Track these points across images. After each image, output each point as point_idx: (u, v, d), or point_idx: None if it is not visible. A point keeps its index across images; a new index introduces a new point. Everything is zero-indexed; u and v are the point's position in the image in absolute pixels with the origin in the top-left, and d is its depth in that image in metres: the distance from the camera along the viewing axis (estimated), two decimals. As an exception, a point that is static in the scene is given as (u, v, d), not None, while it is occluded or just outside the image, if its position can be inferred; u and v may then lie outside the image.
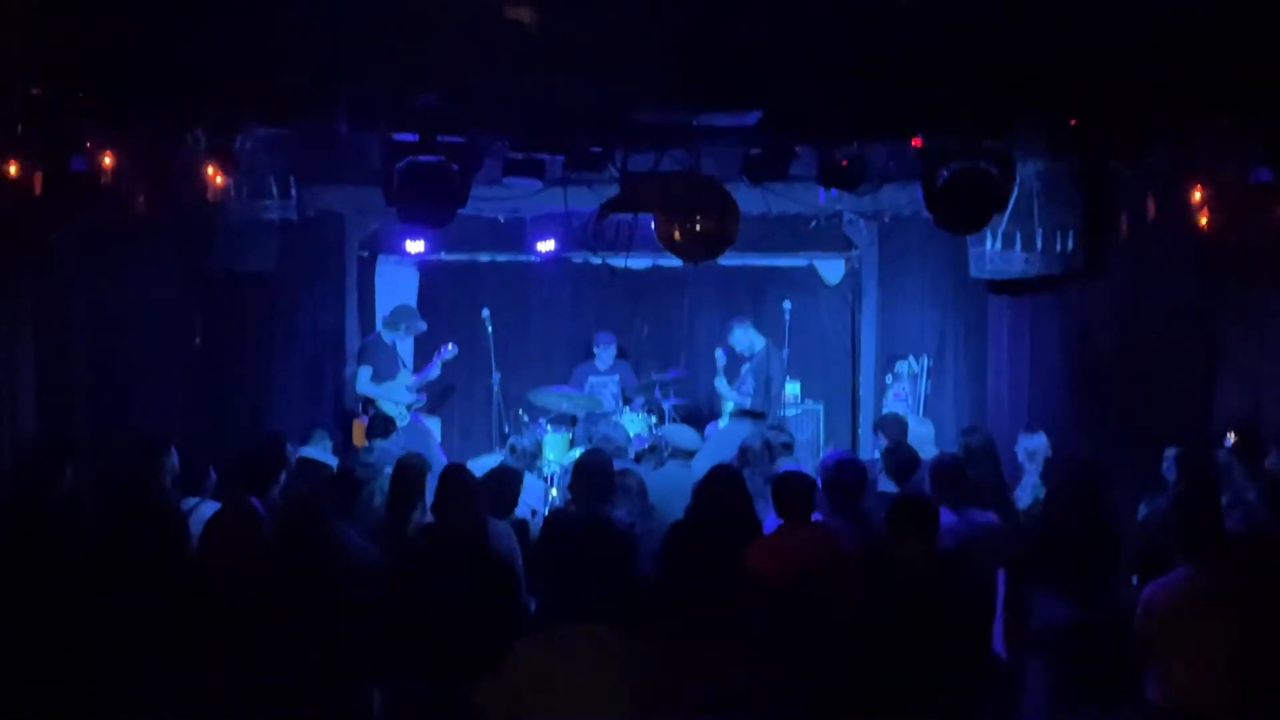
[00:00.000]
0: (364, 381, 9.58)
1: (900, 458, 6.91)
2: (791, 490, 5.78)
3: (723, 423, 10.32)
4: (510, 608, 5.04)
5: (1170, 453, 6.97)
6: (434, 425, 10.03)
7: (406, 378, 9.84)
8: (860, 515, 5.96)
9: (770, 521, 5.96)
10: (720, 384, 10.33)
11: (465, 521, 5.48)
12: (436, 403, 10.89)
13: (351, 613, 4.93)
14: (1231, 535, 5.59)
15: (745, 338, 10.11)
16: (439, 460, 8.89)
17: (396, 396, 9.65)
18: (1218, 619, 4.96)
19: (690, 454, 7.24)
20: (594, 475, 6.37)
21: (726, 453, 9.12)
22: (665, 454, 7.34)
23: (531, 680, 4.07)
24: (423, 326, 10.06)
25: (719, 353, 10.36)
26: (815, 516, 5.90)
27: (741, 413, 10.09)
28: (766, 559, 5.40)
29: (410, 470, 6.50)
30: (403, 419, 9.66)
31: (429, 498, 6.09)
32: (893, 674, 4.76)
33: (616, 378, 10.83)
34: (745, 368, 10.17)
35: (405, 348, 10.19)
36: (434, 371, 10.04)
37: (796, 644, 5.02)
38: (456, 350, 10.11)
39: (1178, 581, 5.05)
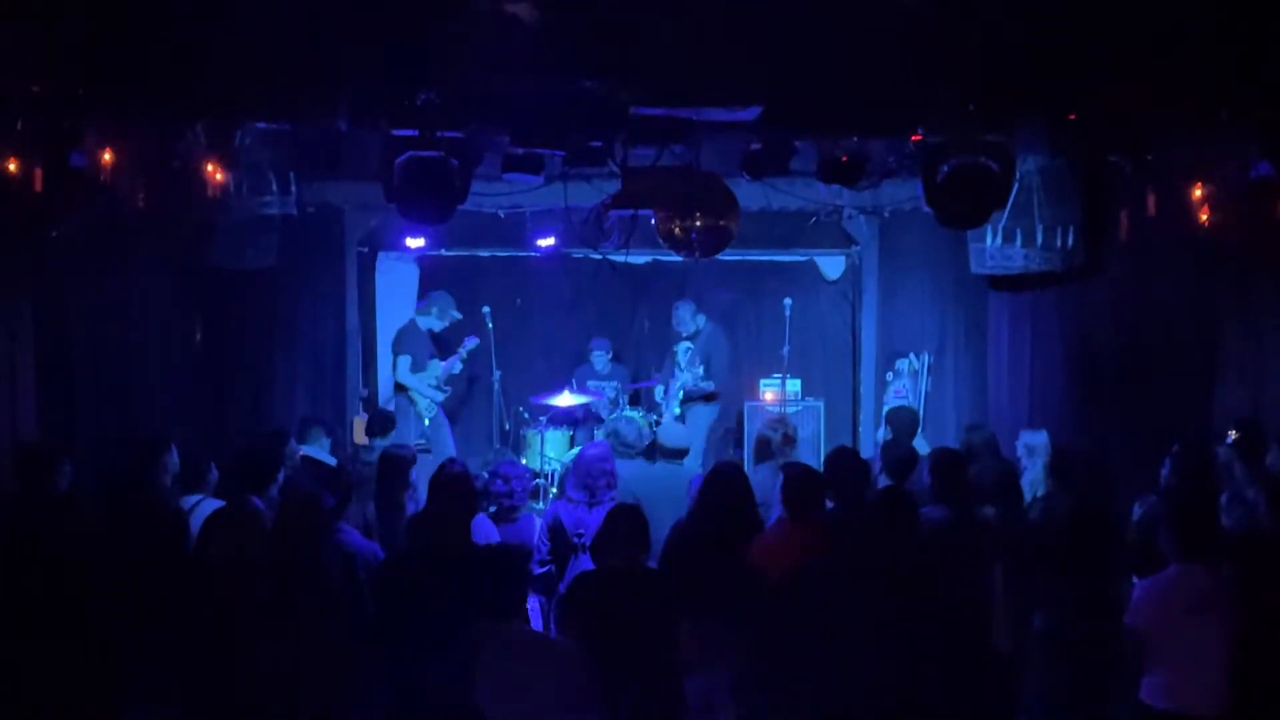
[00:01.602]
0: (404, 370, 9.72)
1: (896, 454, 6.88)
2: (798, 486, 5.77)
3: (676, 409, 10.47)
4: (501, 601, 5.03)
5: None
6: (434, 423, 10.06)
7: (436, 368, 9.92)
8: (861, 511, 5.95)
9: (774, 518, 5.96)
10: (678, 374, 10.50)
11: (455, 517, 5.49)
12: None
13: (351, 611, 4.93)
14: (1230, 533, 5.58)
15: (685, 317, 10.32)
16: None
17: (428, 388, 9.72)
18: (1212, 618, 4.94)
19: (678, 453, 7.20)
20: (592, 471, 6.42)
21: (694, 439, 9.25)
22: (656, 453, 7.35)
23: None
24: (457, 316, 10.11)
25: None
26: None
27: (695, 397, 10.27)
28: (767, 556, 5.40)
29: (396, 462, 6.54)
30: (431, 411, 9.80)
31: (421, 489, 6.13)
32: (891, 671, 4.77)
33: (615, 382, 10.88)
34: (686, 347, 10.25)
35: None
36: (456, 365, 10.11)
37: (797, 641, 5.03)
38: (478, 342, 10.14)
39: (1171, 580, 5.04)
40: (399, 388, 9.82)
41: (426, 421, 10.05)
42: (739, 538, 5.57)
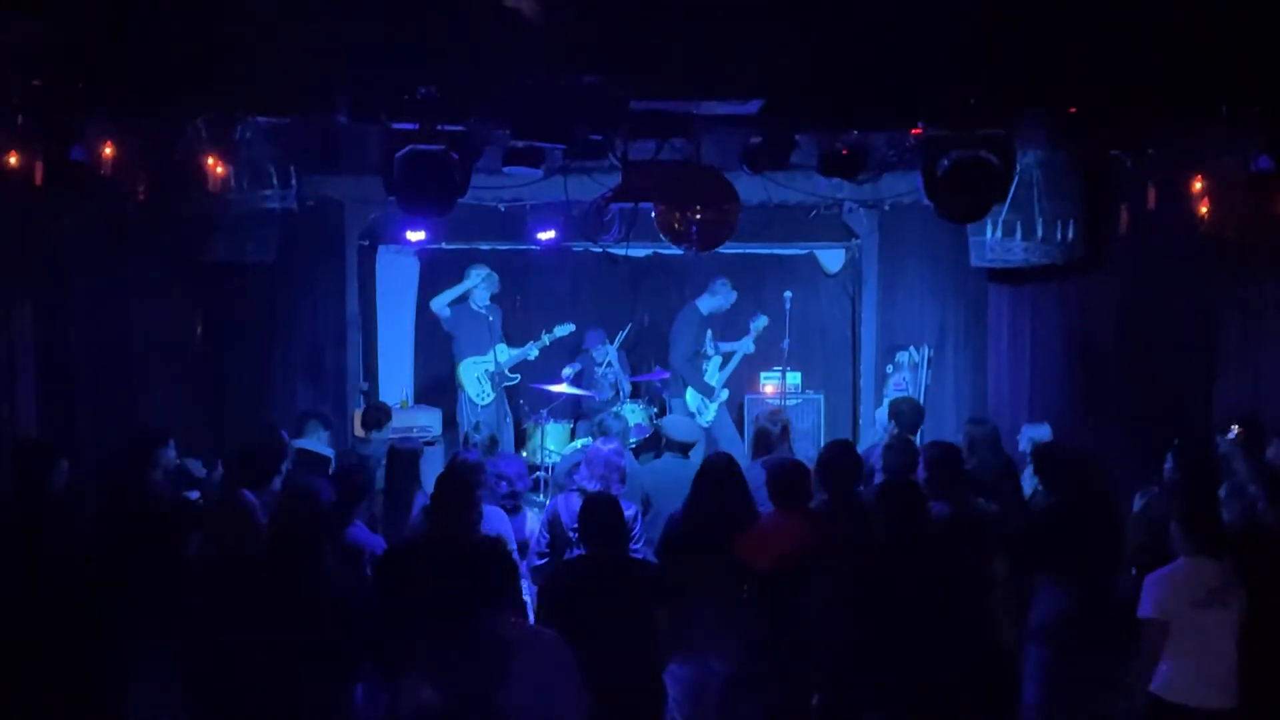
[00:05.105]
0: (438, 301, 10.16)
1: (899, 459, 6.76)
2: (783, 478, 5.79)
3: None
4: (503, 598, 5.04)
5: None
6: (434, 416, 10.04)
7: (504, 354, 10.18)
8: (855, 504, 5.96)
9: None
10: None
11: (461, 512, 5.49)
12: (439, 395, 10.88)
13: (352, 608, 4.93)
14: (1231, 527, 5.59)
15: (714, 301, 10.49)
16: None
17: (478, 373, 10.23)
18: (1221, 612, 4.97)
19: (686, 446, 7.20)
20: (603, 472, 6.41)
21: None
22: (661, 445, 7.35)
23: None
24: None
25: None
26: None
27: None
28: (755, 547, 5.43)
29: (403, 456, 6.54)
30: (484, 399, 10.21)
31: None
32: (885, 662, 4.78)
33: (615, 367, 10.88)
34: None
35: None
36: (532, 351, 10.50)
37: (785, 630, 5.06)
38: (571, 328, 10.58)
39: (1180, 574, 5.06)
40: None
41: (480, 407, 10.28)
42: (731, 529, 5.59)
